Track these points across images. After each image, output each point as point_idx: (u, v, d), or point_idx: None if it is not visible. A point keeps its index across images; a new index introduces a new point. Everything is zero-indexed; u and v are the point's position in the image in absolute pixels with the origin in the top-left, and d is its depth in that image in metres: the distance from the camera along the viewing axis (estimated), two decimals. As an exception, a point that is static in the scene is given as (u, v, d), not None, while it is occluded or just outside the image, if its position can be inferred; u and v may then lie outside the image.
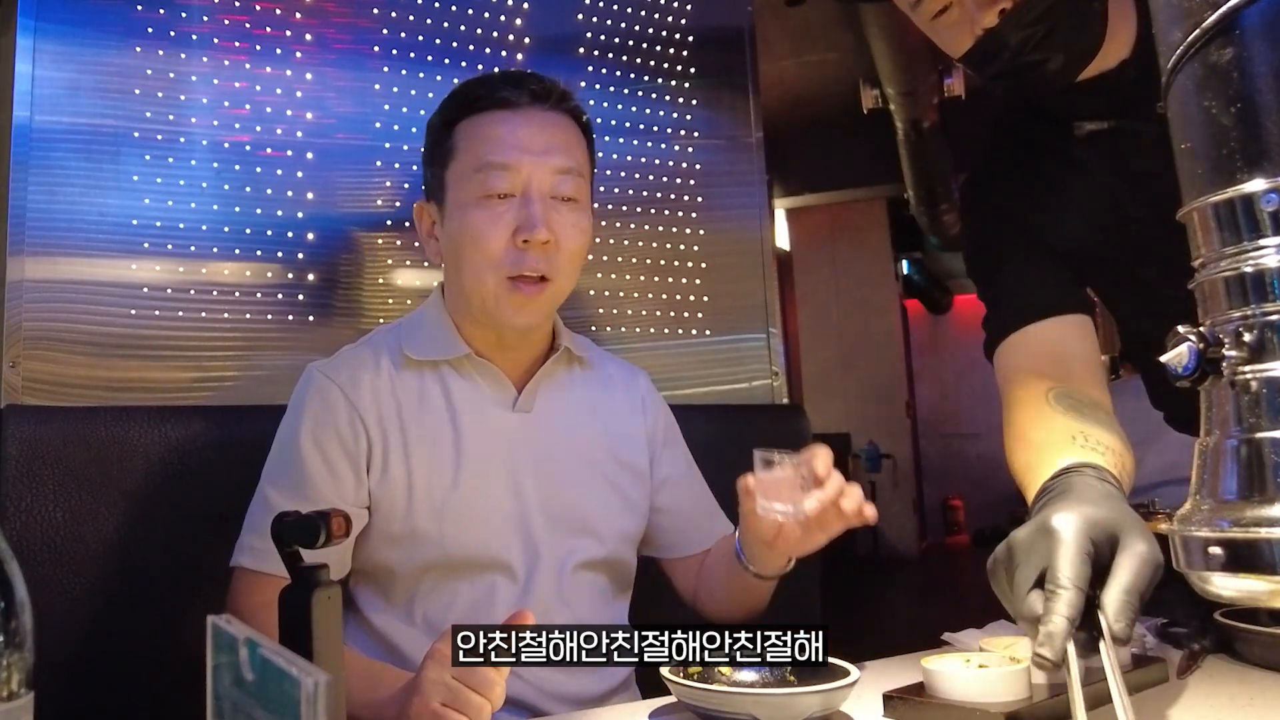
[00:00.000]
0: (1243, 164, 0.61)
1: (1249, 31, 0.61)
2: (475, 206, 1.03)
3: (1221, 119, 0.62)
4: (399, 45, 1.52)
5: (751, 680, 0.84)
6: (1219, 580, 0.61)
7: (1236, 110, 0.61)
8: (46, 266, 1.25)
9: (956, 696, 0.78)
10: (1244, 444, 0.62)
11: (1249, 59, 0.61)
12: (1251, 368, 0.61)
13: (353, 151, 1.46)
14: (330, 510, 0.70)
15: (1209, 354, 0.62)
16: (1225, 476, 0.62)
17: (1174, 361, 0.63)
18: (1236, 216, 0.62)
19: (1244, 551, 0.59)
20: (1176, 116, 0.66)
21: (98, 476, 1.15)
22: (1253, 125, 0.61)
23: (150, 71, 1.34)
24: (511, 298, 1.03)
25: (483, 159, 1.03)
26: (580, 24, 1.68)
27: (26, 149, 1.25)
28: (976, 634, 0.99)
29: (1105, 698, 0.67)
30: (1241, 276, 0.62)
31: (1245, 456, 0.61)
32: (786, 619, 0.80)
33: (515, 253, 1.02)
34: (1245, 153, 0.61)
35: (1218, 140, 0.62)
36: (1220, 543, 0.60)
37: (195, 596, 1.16)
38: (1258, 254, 0.61)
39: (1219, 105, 0.62)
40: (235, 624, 0.44)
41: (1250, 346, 0.61)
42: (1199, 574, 0.63)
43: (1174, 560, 0.65)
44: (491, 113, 1.05)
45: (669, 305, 1.70)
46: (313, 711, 0.38)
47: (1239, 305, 0.62)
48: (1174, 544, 0.65)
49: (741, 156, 1.79)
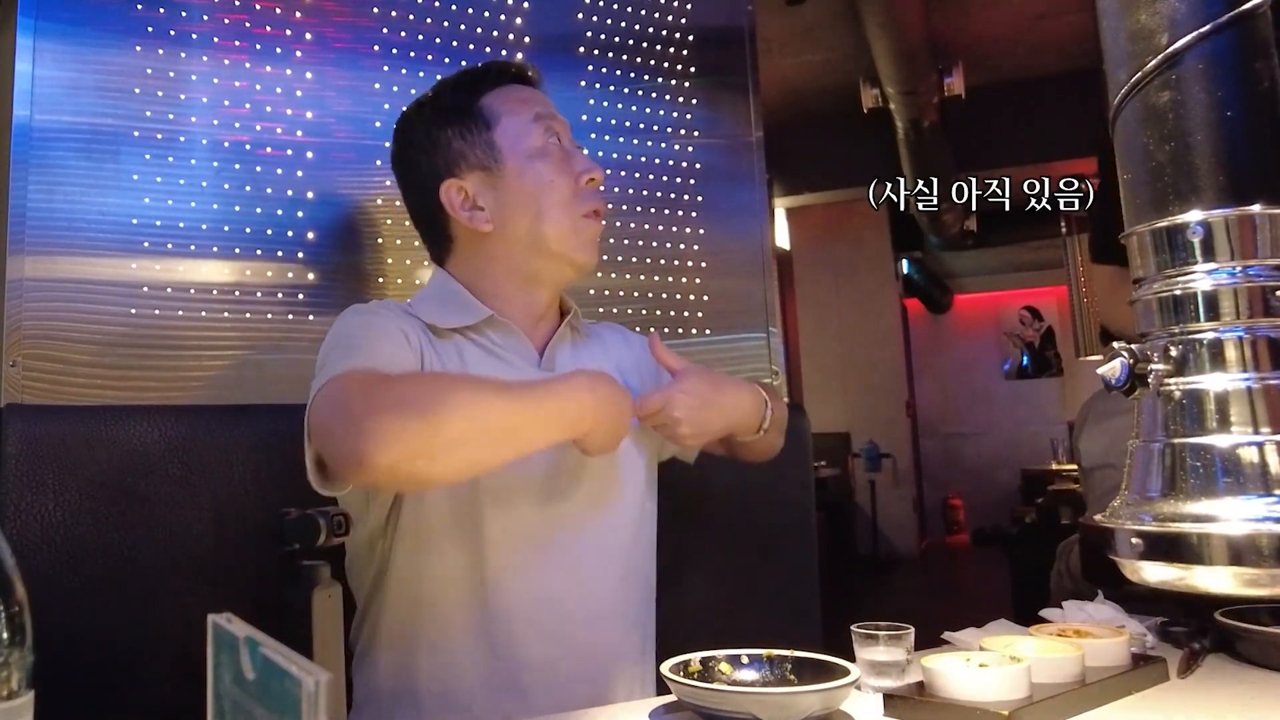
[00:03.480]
0: (1173, 197, 0.69)
1: (1185, 77, 0.69)
2: (539, 156, 1.10)
3: (1158, 155, 0.70)
4: (399, 45, 1.52)
5: (751, 680, 0.84)
6: (1142, 568, 0.69)
7: (1170, 148, 0.69)
8: (46, 266, 1.25)
9: (956, 696, 0.78)
10: (1167, 448, 0.70)
11: (1184, 102, 0.69)
12: (1176, 380, 0.69)
13: (353, 151, 1.46)
14: (331, 510, 0.70)
15: (1137, 368, 0.70)
16: (1150, 476, 0.70)
17: (1107, 374, 0.71)
18: (1170, 243, 0.70)
19: (1161, 543, 0.67)
20: (1121, 149, 0.74)
21: (98, 476, 1.15)
22: (1185, 163, 0.69)
23: (150, 71, 1.34)
24: (587, 232, 1.11)
25: (533, 112, 1.12)
26: (580, 24, 1.68)
27: (26, 148, 1.25)
28: (976, 634, 0.99)
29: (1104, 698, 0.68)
30: (1172, 298, 0.70)
31: (1168, 459, 0.69)
32: (787, 618, 0.81)
33: (581, 192, 1.11)
34: (1176, 188, 0.69)
35: (1155, 174, 0.70)
36: (1142, 535, 0.68)
37: (195, 596, 1.16)
38: (1186, 279, 0.69)
39: (1156, 142, 0.70)
40: (236, 623, 0.44)
41: (1176, 361, 0.69)
42: (1125, 562, 0.70)
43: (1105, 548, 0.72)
44: (510, 85, 1.15)
45: (669, 305, 1.70)
46: (313, 711, 0.38)
47: (1169, 323, 0.70)
48: (1105, 534, 0.72)
49: (741, 156, 1.79)
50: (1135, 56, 0.70)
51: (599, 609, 1.08)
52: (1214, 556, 0.64)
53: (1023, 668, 0.79)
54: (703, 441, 1.14)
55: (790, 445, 1.27)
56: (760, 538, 1.54)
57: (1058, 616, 1.05)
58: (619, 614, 1.11)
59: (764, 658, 0.87)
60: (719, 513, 1.50)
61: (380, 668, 1.06)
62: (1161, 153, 0.70)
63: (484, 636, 1.02)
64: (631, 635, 1.12)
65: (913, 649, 0.89)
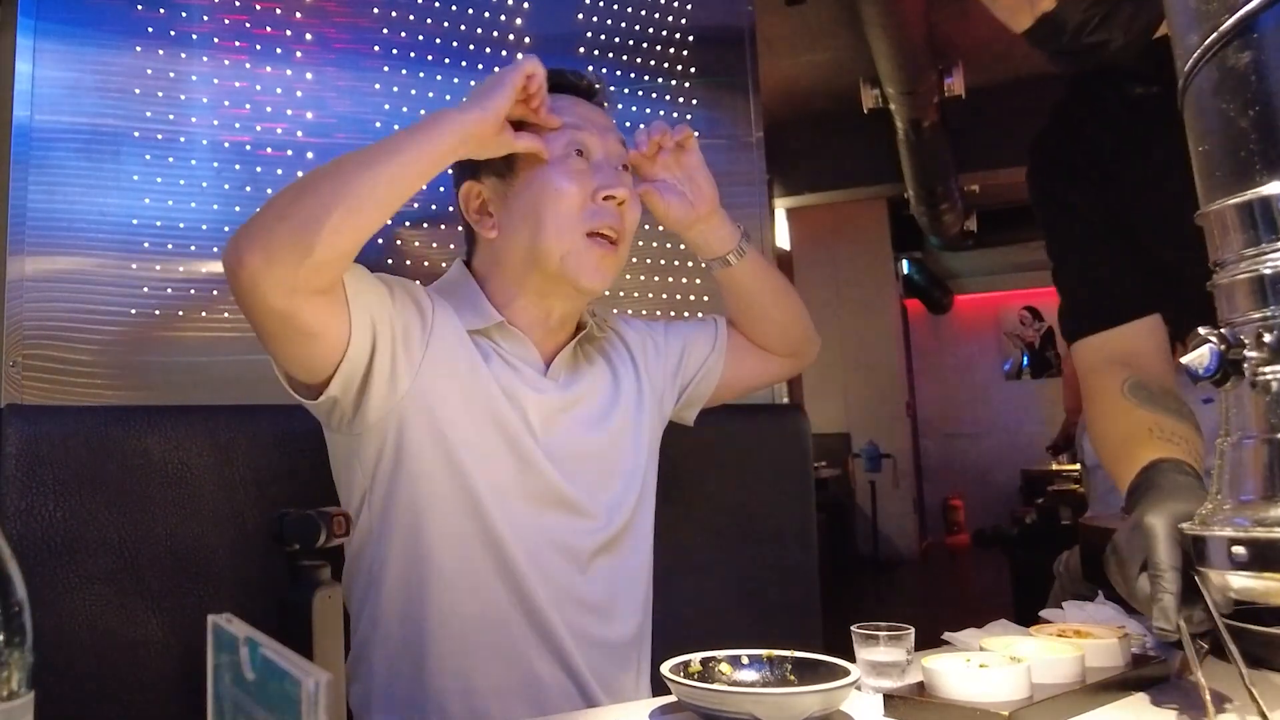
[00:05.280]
0: (1261, 166, 0.62)
1: (1267, 35, 0.61)
2: (554, 166, 1.06)
3: (1239, 121, 0.62)
4: (399, 45, 1.52)
5: (751, 680, 0.84)
6: (1240, 579, 0.62)
7: (1255, 113, 0.62)
8: (47, 266, 1.25)
9: (956, 696, 0.78)
10: (1265, 444, 0.62)
11: (1266, 62, 0.61)
12: (1272, 369, 0.62)
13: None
14: (331, 510, 0.70)
15: (1230, 355, 0.63)
16: (1247, 476, 0.63)
17: (1195, 363, 0.64)
18: (1255, 218, 0.62)
19: (1268, 550, 0.60)
20: (1193, 119, 0.67)
21: (98, 476, 1.15)
22: (1270, 128, 0.61)
23: (150, 71, 1.34)
24: (590, 253, 1.06)
25: (560, 121, 1.08)
26: (580, 24, 1.68)
27: (26, 149, 1.25)
28: (976, 634, 0.99)
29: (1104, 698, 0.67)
30: (1261, 278, 0.62)
31: (1266, 457, 0.62)
32: (787, 618, 0.81)
33: (594, 208, 1.07)
34: (1264, 155, 0.62)
35: (1235, 143, 0.63)
36: (1243, 542, 0.61)
37: (195, 597, 1.16)
38: (1276, 256, 0.61)
39: (1236, 108, 0.63)
40: (236, 624, 0.44)
41: (1271, 347, 0.62)
42: (1219, 573, 0.63)
43: (1194, 559, 0.66)
44: (550, 95, 1.10)
45: (669, 305, 1.70)
46: (313, 711, 0.38)
47: (1259, 306, 0.63)
48: (1195, 543, 0.66)
49: (742, 156, 1.79)
50: (1208, 17, 0.63)
51: (599, 610, 1.08)
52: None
53: (1023, 668, 0.79)
54: (696, 204, 1.18)
55: (790, 445, 1.27)
56: (760, 538, 1.53)
57: (1058, 616, 1.05)
58: (619, 614, 1.10)
59: (764, 658, 0.87)
60: (719, 513, 1.50)
61: (376, 672, 1.05)
62: (1245, 119, 0.62)
63: (493, 624, 1.02)
64: (631, 635, 1.12)
65: (913, 649, 0.89)
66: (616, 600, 1.10)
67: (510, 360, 1.09)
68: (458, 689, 1.01)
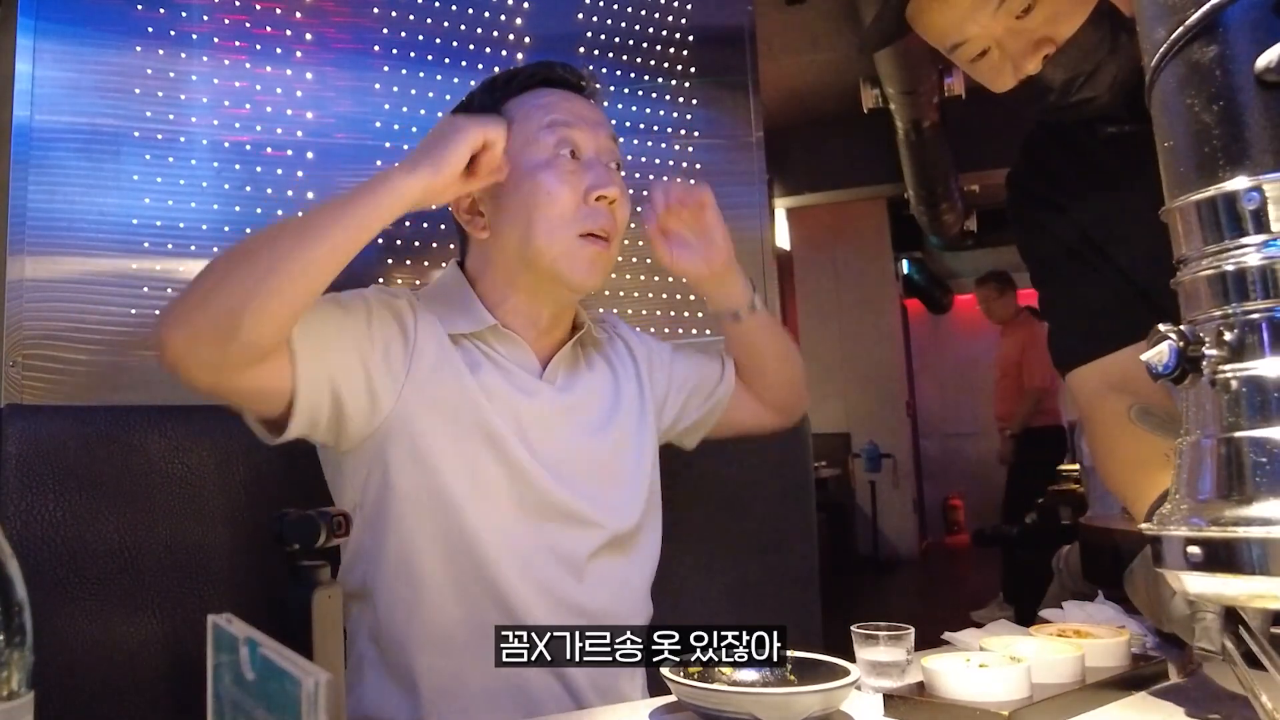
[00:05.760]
0: (1225, 162, 0.61)
1: (1232, 29, 0.61)
2: (545, 168, 1.05)
3: (1204, 117, 0.62)
4: (399, 45, 1.52)
5: (751, 680, 0.84)
6: (1196, 580, 0.61)
7: (1219, 108, 0.61)
8: (47, 266, 1.25)
9: (956, 696, 0.78)
10: (1223, 443, 0.61)
11: (1232, 57, 0.60)
12: (1231, 366, 0.61)
13: (353, 151, 1.46)
14: (331, 510, 0.70)
15: (1189, 352, 0.62)
16: (1204, 475, 0.62)
17: (1154, 359, 0.63)
18: (1218, 215, 0.62)
19: (1222, 551, 0.59)
20: (1159, 115, 0.66)
21: (98, 476, 1.15)
22: (1235, 123, 0.60)
23: (150, 71, 1.34)
24: (583, 253, 1.05)
25: (549, 119, 1.07)
26: (580, 24, 1.68)
27: (26, 149, 1.25)
28: (976, 634, 0.99)
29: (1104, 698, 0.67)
30: (1223, 275, 0.61)
31: (1224, 455, 0.61)
32: (787, 618, 0.81)
33: (586, 209, 1.05)
34: (1227, 151, 0.61)
35: (1200, 138, 0.62)
36: (1198, 542, 0.60)
37: (195, 596, 1.16)
38: (1239, 252, 0.61)
39: (1201, 103, 0.62)
40: (236, 624, 0.44)
41: (1231, 345, 0.61)
42: (1175, 574, 0.62)
43: (1154, 559, 0.65)
44: (539, 90, 1.10)
45: (669, 305, 1.70)
46: (313, 711, 0.38)
47: (1220, 304, 0.62)
48: (1152, 544, 0.65)
49: (742, 156, 1.79)
50: (1175, 11, 0.62)
51: (597, 617, 1.08)
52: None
53: (1023, 668, 0.79)
54: (711, 261, 1.15)
55: (790, 445, 1.27)
56: (760, 538, 1.54)
57: (1058, 616, 1.05)
58: (618, 620, 1.10)
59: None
60: (719, 513, 1.50)
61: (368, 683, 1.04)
62: (1208, 114, 0.61)
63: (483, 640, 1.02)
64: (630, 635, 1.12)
65: (913, 649, 0.89)
66: (616, 607, 1.10)
67: (503, 364, 1.08)
68: (449, 699, 1.01)
